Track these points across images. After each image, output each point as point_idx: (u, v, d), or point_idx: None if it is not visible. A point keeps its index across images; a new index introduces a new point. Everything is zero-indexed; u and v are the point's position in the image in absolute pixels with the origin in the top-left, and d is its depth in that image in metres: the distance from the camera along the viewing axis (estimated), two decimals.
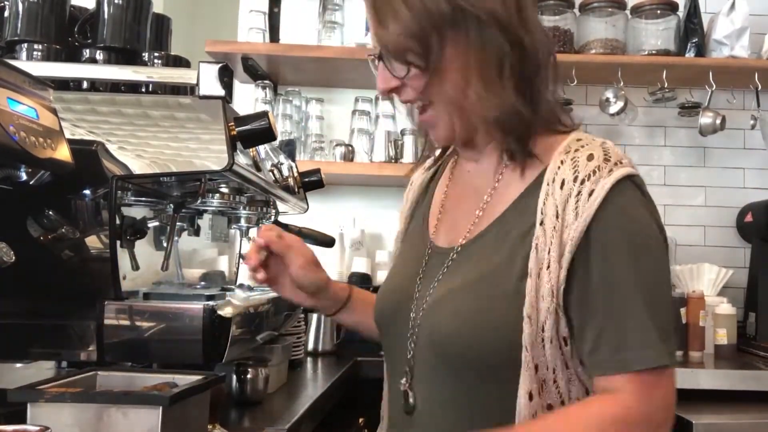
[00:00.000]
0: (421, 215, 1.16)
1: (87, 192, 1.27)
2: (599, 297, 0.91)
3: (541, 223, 0.93)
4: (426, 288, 1.04)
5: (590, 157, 0.94)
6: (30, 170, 1.09)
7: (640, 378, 0.89)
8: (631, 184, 0.94)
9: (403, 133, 2.73)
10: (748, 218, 2.81)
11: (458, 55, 0.96)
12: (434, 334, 1.00)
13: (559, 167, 0.95)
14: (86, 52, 1.50)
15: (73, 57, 1.50)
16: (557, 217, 0.92)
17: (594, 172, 0.93)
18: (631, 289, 0.90)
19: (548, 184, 0.95)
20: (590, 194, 0.91)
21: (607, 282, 0.91)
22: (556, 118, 1.02)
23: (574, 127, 1.02)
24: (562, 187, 0.93)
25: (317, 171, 2.01)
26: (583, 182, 0.92)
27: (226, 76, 1.31)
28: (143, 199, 1.41)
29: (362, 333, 1.27)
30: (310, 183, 1.97)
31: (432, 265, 1.06)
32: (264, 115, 1.31)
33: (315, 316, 2.40)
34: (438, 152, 1.18)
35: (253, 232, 1.83)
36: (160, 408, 0.95)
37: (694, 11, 2.75)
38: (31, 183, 1.11)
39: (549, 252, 0.92)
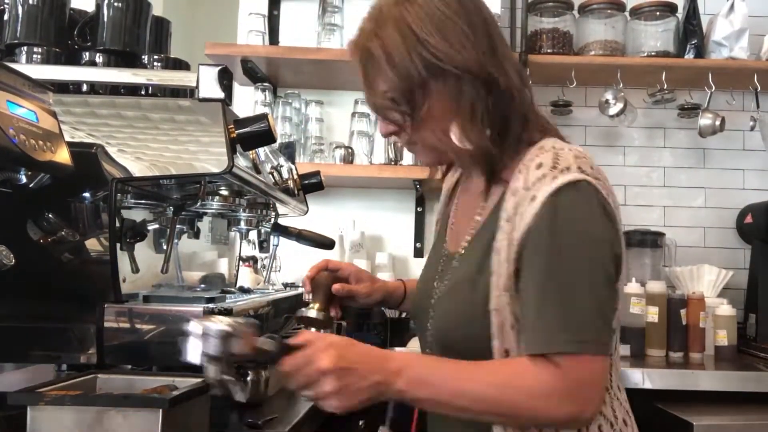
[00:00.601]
0: (444, 222, 1.28)
1: (87, 195, 1.28)
2: (526, 289, 1.01)
3: (501, 228, 1.04)
4: (439, 289, 1.18)
5: (539, 166, 1.03)
6: (30, 173, 1.09)
7: (556, 360, 0.96)
8: (574, 188, 1.01)
9: None
10: (748, 219, 2.81)
11: (439, 105, 1.07)
12: (436, 328, 1.15)
13: (517, 177, 1.05)
14: (86, 55, 1.50)
15: (73, 60, 1.50)
16: (509, 221, 1.03)
17: (539, 179, 1.02)
18: (551, 282, 0.98)
19: (509, 193, 1.05)
20: (533, 199, 1.01)
21: (533, 276, 1.00)
22: (534, 132, 1.11)
23: (548, 134, 1.11)
24: (515, 195, 1.04)
25: (317, 173, 2.01)
26: (529, 189, 1.02)
27: (225, 79, 1.31)
28: (143, 201, 1.41)
29: None
30: (310, 185, 1.97)
31: (443, 269, 1.19)
32: (263, 117, 1.32)
33: None
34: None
35: (252, 234, 1.84)
36: (160, 410, 0.96)
37: (693, 13, 2.75)
38: (30, 186, 1.11)
39: (503, 253, 1.03)
